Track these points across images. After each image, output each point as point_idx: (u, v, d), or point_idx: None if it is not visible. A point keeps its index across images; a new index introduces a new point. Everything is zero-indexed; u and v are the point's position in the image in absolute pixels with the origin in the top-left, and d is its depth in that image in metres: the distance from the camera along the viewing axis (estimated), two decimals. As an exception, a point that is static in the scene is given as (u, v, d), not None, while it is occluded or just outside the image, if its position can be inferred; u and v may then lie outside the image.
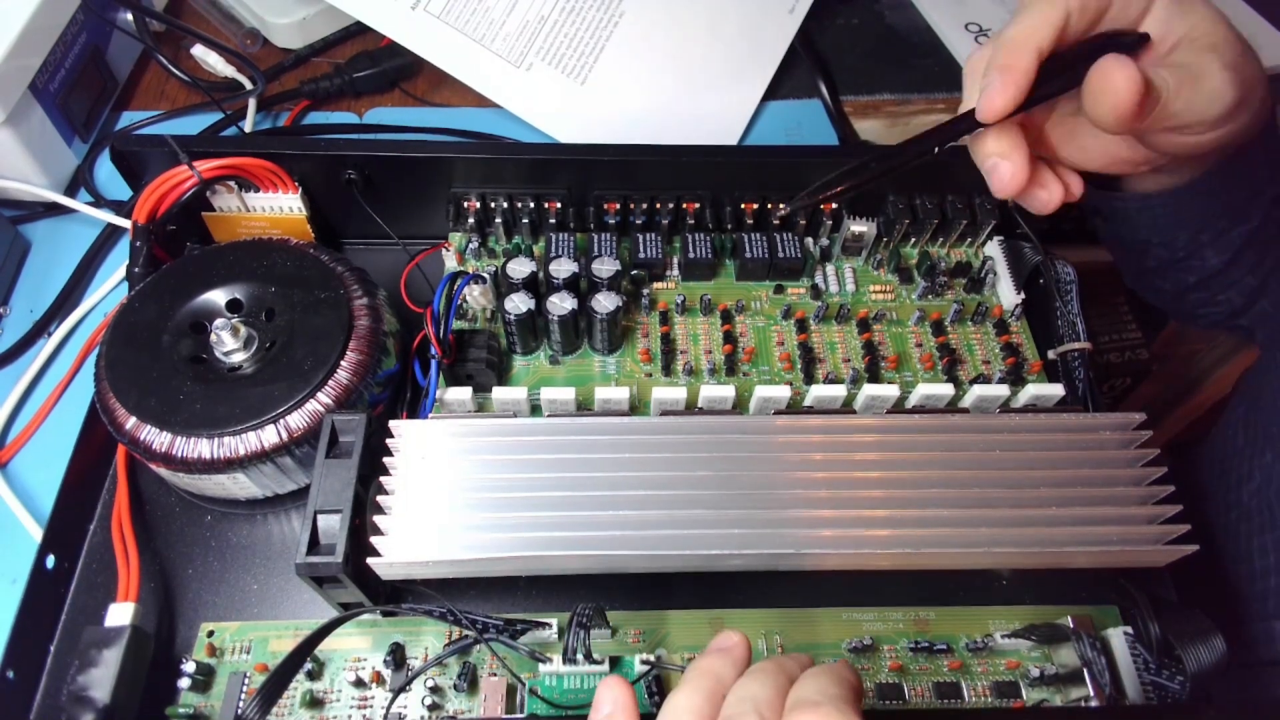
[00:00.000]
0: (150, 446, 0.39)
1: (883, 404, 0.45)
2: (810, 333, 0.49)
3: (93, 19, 0.59)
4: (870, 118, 0.65)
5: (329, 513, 0.36)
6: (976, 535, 0.36)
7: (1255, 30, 0.67)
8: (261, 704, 0.32)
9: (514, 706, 0.38)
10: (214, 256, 0.45)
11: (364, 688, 0.38)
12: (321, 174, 0.48)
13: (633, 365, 0.48)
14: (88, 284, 0.55)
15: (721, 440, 0.38)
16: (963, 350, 0.48)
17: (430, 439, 0.38)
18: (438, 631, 0.40)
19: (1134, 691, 0.37)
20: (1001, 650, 0.40)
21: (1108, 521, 0.37)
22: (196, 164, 0.45)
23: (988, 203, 0.50)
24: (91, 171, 0.59)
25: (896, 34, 0.70)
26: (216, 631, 0.40)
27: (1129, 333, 0.92)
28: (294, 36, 0.66)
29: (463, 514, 0.36)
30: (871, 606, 0.41)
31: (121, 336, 0.42)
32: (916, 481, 0.37)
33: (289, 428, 0.39)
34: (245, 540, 0.43)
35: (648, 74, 0.62)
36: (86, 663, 0.35)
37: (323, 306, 0.43)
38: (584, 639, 0.35)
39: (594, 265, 0.46)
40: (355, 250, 0.54)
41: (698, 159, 0.49)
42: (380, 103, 0.65)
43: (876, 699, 0.39)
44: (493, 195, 0.49)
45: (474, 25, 0.60)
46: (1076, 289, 0.47)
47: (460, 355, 0.44)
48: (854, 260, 0.52)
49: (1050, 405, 0.45)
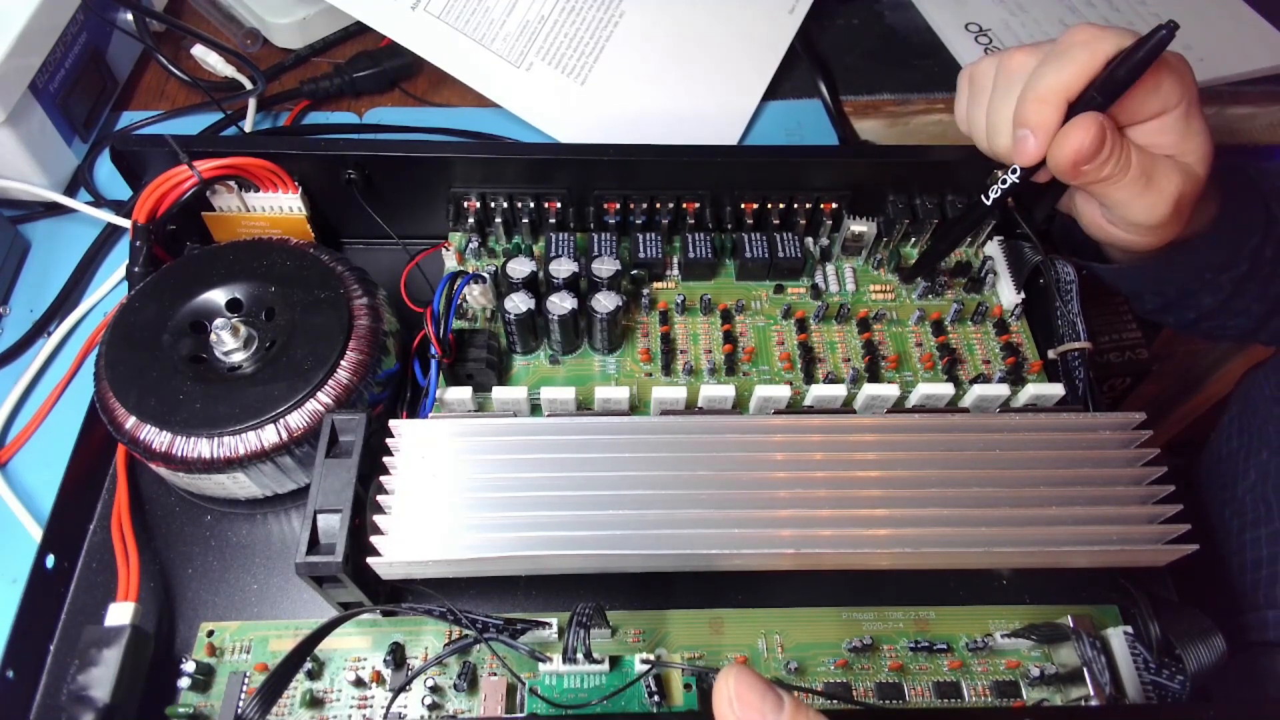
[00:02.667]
0: (150, 446, 0.39)
1: (883, 404, 0.45)
2: (810, 332, 0.49)
3: (93, 19, 0.59)
4: (870, 118, 0.65)
5: (329, 512, 0.36)
6: (976, 535, 0.36)
7: (1255, 30, 0.67)
8: (261, 704, 0.32)
9: (514, 706, 0.38)
10: (214, 256, 0.45)
11: (364, 687, 0.38)
12: (321, 174, 0.48)
13: (633, 365, 0.48)
14: (87, 284, 0.55)
15: (721, 440, 0.38)
16: (963, 350, 0.48)
17: (430, 439, 0.38)
18: (438, 631, 0.40)
19: (1134, 691, 0.37)
20: (1001, 650, 0.40)
21: (1108, 521, 0.37)
22: (196, 164, 0.45)
23: (988, 202, 0.50)
24: (91, 171, 0.59)
25: (896, 34, 0.70)
26: (216, 631, 0.40)
27: (1129, 333, 0.92)
28: (294, 36, 0.66)
29: (463, 514, 0.36)
30: (871, 606, 0.41)
31: (121, 336, 0.42)
32: (916, 481, 0.37)
33: (289, 427, 0.39)
34: (245, 540, 0.43)
35: (648, 74, 0.62)
36: (86, 662, 0.35)
37: (323, 306, 0.43)
38: (584, 638, 0.35)
39: (594, 265, 0.46)
40: (355, 250, 0.54)
41: (698, 159, 0.49)
42: (380, 103, 0.65)
43: (876, 699, 0.39)
44: (493, 195, 0.49)
45: (474, 25, 0.60)
46: (1076, 289, 0.47)
47: (460, 355, 0.44)
48: (854, 260, 0.52)
49: (1050, 405, 0.45)
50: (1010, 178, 0.43)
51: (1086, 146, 0.38)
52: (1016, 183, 0.43)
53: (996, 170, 0.44)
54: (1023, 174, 0.42)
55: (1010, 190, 0.43)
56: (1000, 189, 0.43)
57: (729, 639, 0.40)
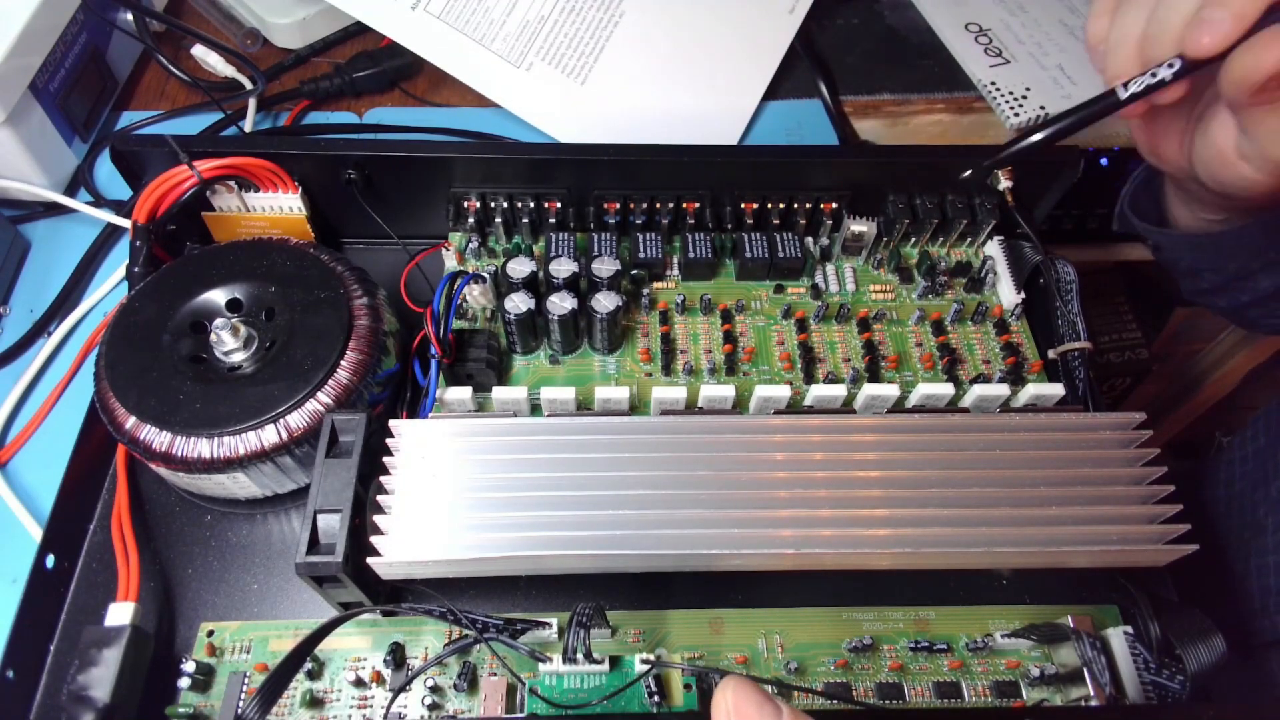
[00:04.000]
0: (150, 446, 0.39)
1: (883, 404, 0.45)
2: (810, 332, 0.49)
3: (93, 19, 0.59)
4: (870, 118, 0.65)
5: (329, 512, 0.36)
6: (976, 535, 0.36)
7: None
8: (261, 704, 0.32)
9: (514, 706, 0.38)
10: (214, 256, 0.45)
11: (364, 687, 0.38)
12: (321, 174, 0.48)
13: (633, 365, 0.48)
14: (88, 284, 0.55)
15: (721, 440, 0.38)
16: (963, 350, 0.48)
17: (430, 439, 0.38)
18: (438, 631, 0.40)
19: (1134, 691, 0.37)
20: (1001, 650, 0.40)
21: (1108, 521, 0.37)
22: (196, 164, 0.45)
23: (988, 202, 0.50)
24: (91, 171, 0.59)
25: (896, 34, 0.70)
26: (216, 631, 0.40)
27: (1129, 333, 0.92)
28: (294, 36, 0.66)
29: (463, 514, 0.36)
30: (871, 606, 0.41)
31: (121, 336, 0.42)
32: (916, 481, 0.37)
33: (289, 427, 0.39)
34: (245, 540, 0.43)
35: (648, 74, 0.62)
36: (86, 662, 0.35)
37: (323, 306, 0.43)
38: (584, 638, 0.35)
39: (594, 265, 0.46)
40: (355, 250, 0.54)
41: (698, 159, 0.49)
42: (380, 103, 0.65)
43: (877, 699, 0.39)
44: (493, 195, 0.49)
45: (474, 25, 0.60)
46: (1077, 289, 0.47)
47: (460, 355, 0.44)
48: (854, 260, 0.52)
49: (1050, 405, 0.45)
50: (1164, 72, 0.36)
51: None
52: (1167, 79, 0.36)
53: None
54: (1180, 70, 0.36)
55: (1154, 87, 0.36)
56: (1147, 82, 0.37)
57: (729, 639, 0.40)
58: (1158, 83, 0.36)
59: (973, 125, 0.65)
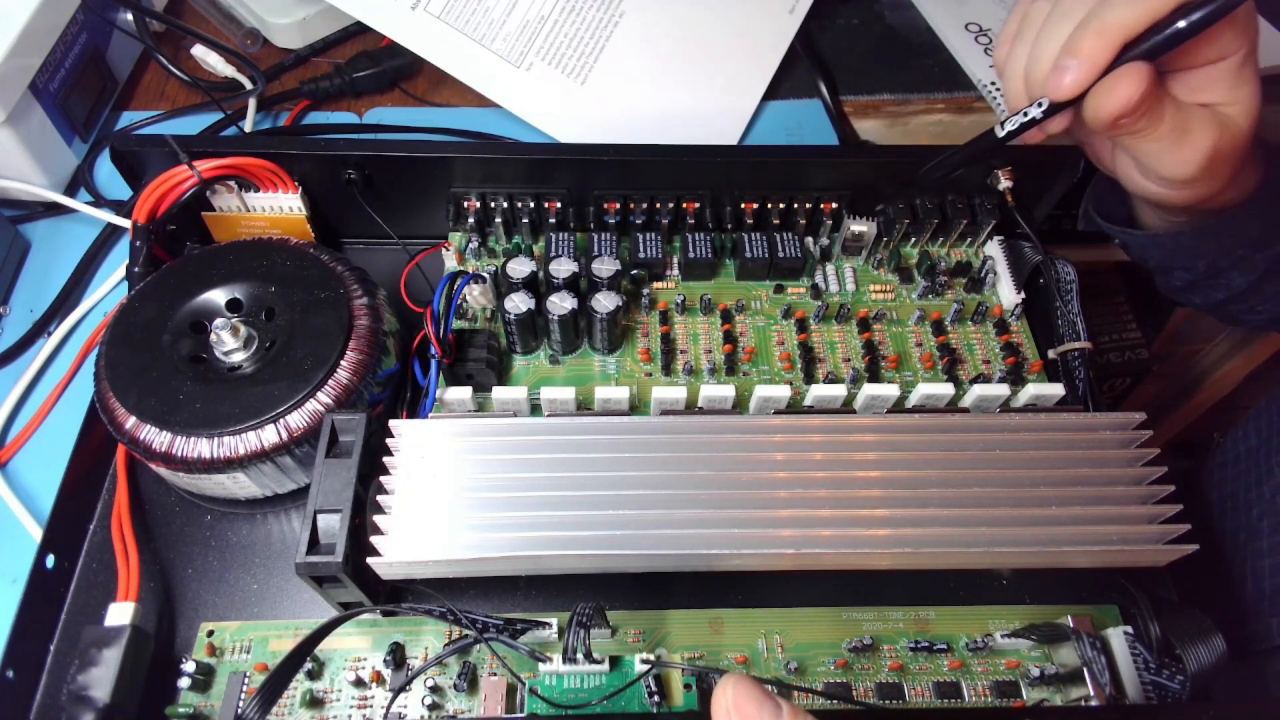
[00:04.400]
0: (150, 446, 0.39)
1: (883, 404, 0.45)
2: (810, 332, 0.49)
3: (93, 19, 0.59)
4: (870, 118, 0.65)
5: (329, 512, 0.36)
6: (976, 535, 0.36)
7: (1255, 30, 0.67)
8: (261, 704, 0.32)
9: (514, 706, 0.38)
10: (214, 256, 0.45)
11: (364, 687, 0.38)
12: (321, 174, 0.48)
13: (633, 365, 0.48)
14: (88, 284, 0.55)
15: (721, 440, 0.38)
16: (963, 350, 0.48)
17: (430, 439, 0.38)
18: (438, 631, 0.40)
19: (1134, 691, 0.37)
20: (1001, 650, 0.40)
21: (1108, 521, 0.37)
22: (196, 164, 0.45)
23: (988, 202, 0.50)
24: (91, 171, 0.59)
25: (896, 34, 0.70)
26: (216, 631, 0.40)
27: (1129, 333, 0.92)
28: (294, 36, 0.66)
29: (463, 514, 0.36)
30: (871, 606, 0.41)
31: (121, 336, 0.42)
32: (916, 481, 0.37)
33: (289, 427, 0.39)
34: (245, 540, 0.43)
35: (648, 74, 0.62)
36: (86, 662, 0.35)
37: (323, 306, 0.43)
38: (584, 638, 0.35)
39: (594, 265, 0.46)
40: (355, 250, 0.54)
41: (698, 159, 0.49)
42: (380, 103, 0.65)
43: (877, 699, 0.39)
44: (493, 195, 0.49)
45: (474, 25, 0.60)
46: (1077, 289, 0.47)
47: (460, 355, 0.44)
48: (854, 260, 0.52)
49: (1050, 405, 0.45)
50: (1034, 111, 0.38)
51: (1134, 100, 0.35)
52: (1038, 118, 0.39)
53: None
54: (1048, 109, 0.38)
55: (1027, 125, 0.39)
56: (1020, 121, 0.39)
57: (729, 639, 0.40)
58: (1030, 121, 0.39)
59: (973, 125, 0.65)
